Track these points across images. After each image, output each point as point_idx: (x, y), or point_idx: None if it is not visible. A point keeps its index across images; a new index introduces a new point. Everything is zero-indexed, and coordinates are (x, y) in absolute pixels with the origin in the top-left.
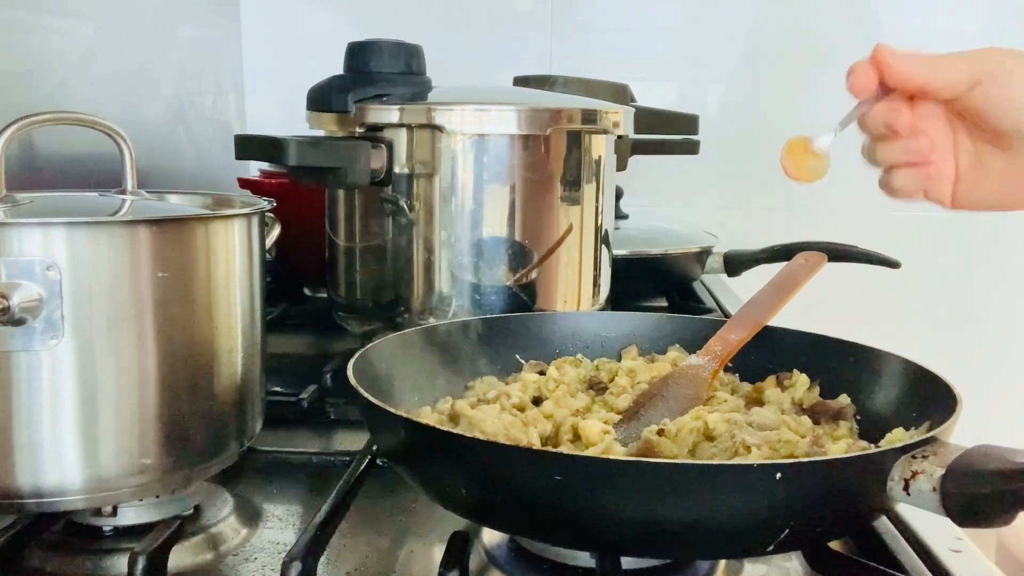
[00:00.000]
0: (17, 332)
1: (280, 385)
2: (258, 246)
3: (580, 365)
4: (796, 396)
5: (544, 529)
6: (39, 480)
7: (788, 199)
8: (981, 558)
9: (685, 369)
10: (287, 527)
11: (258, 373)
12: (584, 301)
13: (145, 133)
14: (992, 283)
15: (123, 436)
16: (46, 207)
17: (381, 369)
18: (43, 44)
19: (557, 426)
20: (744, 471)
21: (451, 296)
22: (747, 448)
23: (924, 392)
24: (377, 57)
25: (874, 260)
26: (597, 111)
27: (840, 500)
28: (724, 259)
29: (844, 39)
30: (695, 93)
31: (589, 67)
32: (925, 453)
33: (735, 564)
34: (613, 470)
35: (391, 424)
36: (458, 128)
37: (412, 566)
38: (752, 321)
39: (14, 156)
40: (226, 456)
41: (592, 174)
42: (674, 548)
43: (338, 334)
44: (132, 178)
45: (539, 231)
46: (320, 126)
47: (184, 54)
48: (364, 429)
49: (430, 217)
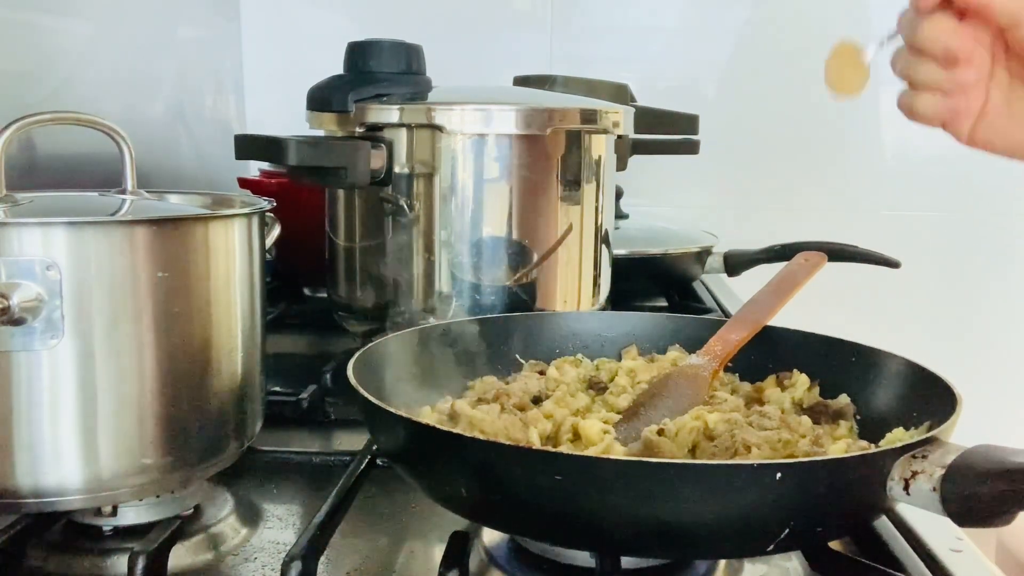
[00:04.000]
0: (17, 332)
1: (280, 385)
2: (258, 246)
3: (580, 365)
4: (796, 396)
5: (544, 529)
6: (39, 480)
7: (788, 199)
8: (981, 558)
9: (685, 369)
10: (287, 527)
11: (258, 373)
12: (584, 301)
13: (145, 133)
14: (992, 283)
15: (123, 436)
16: (46, 207)
17: (381, 369)
18: (43, 44)
19: (557, 426)
20: (744, 471)
21: (451, 296)
22: (747, 448)
23: (924, 392)
24: (377, 57)
25: (874, 260)
26: (597, 111)
27: (840, 500)
28: (724, 259)
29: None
30: (695, 93)
31: (589, 67)
32: (925, 453)
33: (735, 564)
34: (613, 470)
35: (391, 424)
36: (458, 128)
37: (412, 566)
38: (752, 321)
39: (14, 156)
40: (226, 456)
41: (592, 174)
42: (674, 548)
43: (338, 334)
44: (132, 178)
45: (539, 231)
46: (320, 126)
47: (184, 54)
48: (364, 429)
49: (430, 217)
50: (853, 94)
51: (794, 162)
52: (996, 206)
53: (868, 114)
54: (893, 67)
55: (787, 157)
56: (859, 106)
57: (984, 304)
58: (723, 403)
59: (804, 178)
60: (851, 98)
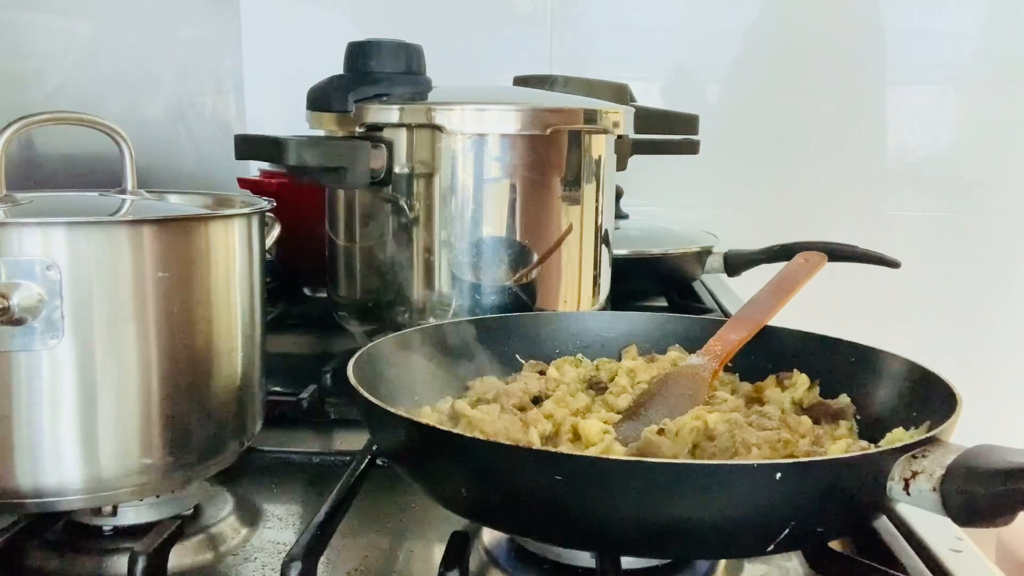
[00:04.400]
0: (17, 332)
1: (280, 385)
2: (258, 246)
3: (580, 365)
4: (796, 396)
5: (544, 529)
6: (39, 480)
7: (788, 199)
8: (981, 558)
9: (685, 369)
10: (287, 527)
11: (258, 373)
12: (584, 301)
13: (145, 133)
14: (992, 283)
15: (123, 436)
16: (46, 207)
17: (381, 369)
18: (43, 44)
19: (557, 426)
20: (744, 471)
21: (451, 296)
22: (747, 448)
23: (924, 392)
24: (377, 57)
25: (874, 260)
26: (597, 111)
27: (840, 500)
28: (724, 259)
29: (845, 38)
30: (695, 93)
31: (589, 67)
32: (925, 453)
33: (735, 564)
34: (613, 470)
35: (391, 424)
36: (458, 128)
37: (412, 566)
38: (752, 321)
39: (14, 156)
40: (226, 456)
41: (592, 174)
42: (674, 548)
43: (338, 334)
44: (132, 178)
45: (539, 231)
46: (320, 126)
47: (184, 54)
48: (364, 429)
49: (430, 217)
50: None
51: (794, 162)
52: (996, 206)
53: (869, 114)
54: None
55: (787, 157)
56: (860, 106)
57: (984, 304)
58: (723, 403)
59: (804, 178)
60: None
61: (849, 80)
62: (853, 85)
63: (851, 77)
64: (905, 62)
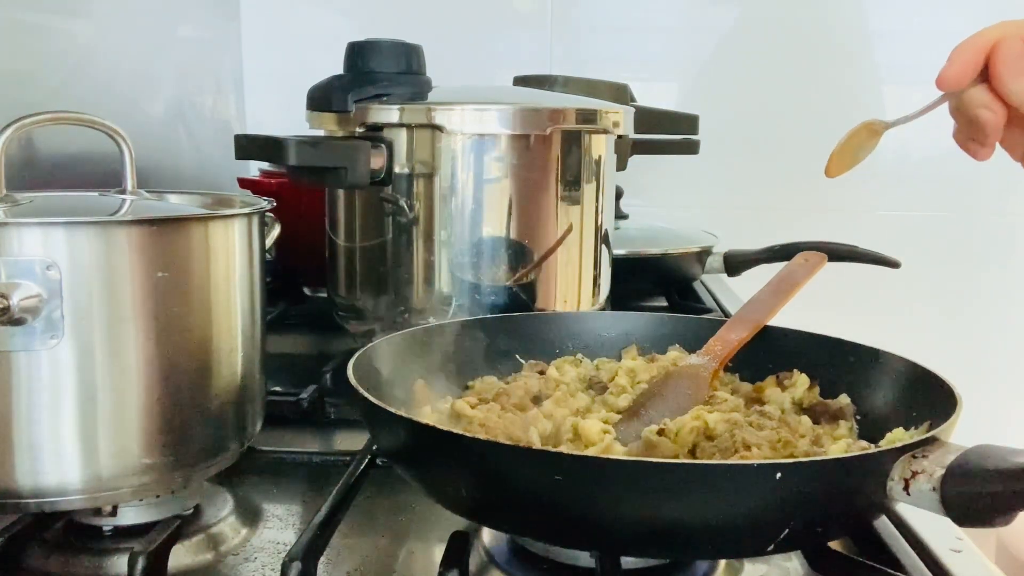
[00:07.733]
0: (17, 332)
1: (280, 385)
2: (258, 246)
3: (580, 365)
4: (796, 396)
5: (544, 529)
6: (39, 480)
7: (788, 199)
8: (981, 558)
9: (685, 369)
10: (287, 527)
11: (258, 373)
12: (584, 301)
13: (145, 133)
14: (992, 283)
15: (123, 436)
16: (46, 207)
17: (381, 369)
18: (43, 44)
19: (557, 426)
20: (744, 471)
21: (451, 296)
22: (747, 448)
23: (924, 392)
24: (377, 57)
25: (874, 260)
26: (597, 111)
27: (840, 500)
28: (724, 259)
29: (845, 38)
30: (695, 93)
31: (589, 67)
32: (925, 453)
33: (735, 564)
34: (613, 470)
35: (391, 424)
36: (458, 128)
37: (412, 566)
38: (752, 321)
39: (14, 156)
40: (226, 456)
41: (592, 174)
42: (674, 548)
43: (338, 334)
44: (132, 178)
45: (539, 231)
46: (320, 126)
47: (184, 54)
48: (364, 429)
49: (430, 217)
50: (844, 172)
51: (794, 162)
52: (996, 206)
53: (869, 114)
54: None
55: (787, 157)
56: (860, 106)
57: (984, 304)
58: (723, 403)
59: (804, 178)
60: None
61: (849, 80)
62: (853, 85)
63: (851, 77)
64: (905, 62)
